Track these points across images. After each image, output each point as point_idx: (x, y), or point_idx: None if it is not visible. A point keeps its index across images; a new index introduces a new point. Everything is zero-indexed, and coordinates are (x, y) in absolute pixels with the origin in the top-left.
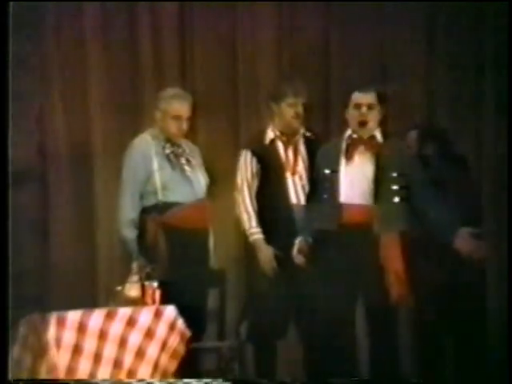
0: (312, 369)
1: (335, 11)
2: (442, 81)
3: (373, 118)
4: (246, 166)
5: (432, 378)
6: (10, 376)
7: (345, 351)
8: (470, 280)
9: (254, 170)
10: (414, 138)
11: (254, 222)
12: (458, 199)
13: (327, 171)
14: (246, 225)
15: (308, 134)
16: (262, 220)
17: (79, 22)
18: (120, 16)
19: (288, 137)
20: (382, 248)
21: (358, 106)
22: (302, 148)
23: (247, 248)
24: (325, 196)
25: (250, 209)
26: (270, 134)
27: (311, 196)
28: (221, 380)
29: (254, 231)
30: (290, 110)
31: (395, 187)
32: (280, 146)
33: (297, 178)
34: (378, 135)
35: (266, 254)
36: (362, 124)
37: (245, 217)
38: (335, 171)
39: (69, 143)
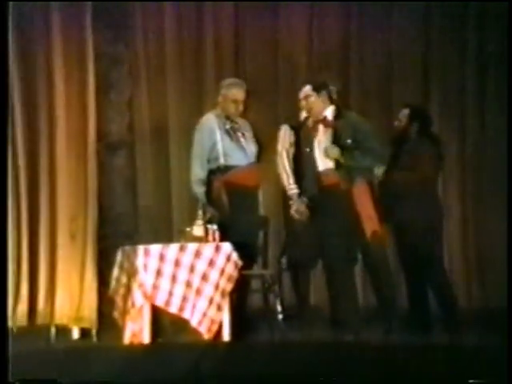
0: (333, 292)
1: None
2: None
3: (314, 104)
4: (285, 137)
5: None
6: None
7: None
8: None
9: (291, 140)
10: (405, 115)
11: (291, 180)
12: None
13: (307, 149)
14: (285, 182)
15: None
16: (297, 179)
17: (160, 24)
18: (190, 20)
19: None
20: (353, 198)
21: (301, 100)
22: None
23: (285, 200)
24: (307, 167)
25: (288, 169)
26: (304, 113)
27: (299, 167)
28: None
29: (291, 187)
30: None
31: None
32: (311, 122)
33: None
34: (329, 114)
35: (300, 204)
36: (309, 111)
37: (284, 176)
38: (311, 149)
39: (151, 121)
